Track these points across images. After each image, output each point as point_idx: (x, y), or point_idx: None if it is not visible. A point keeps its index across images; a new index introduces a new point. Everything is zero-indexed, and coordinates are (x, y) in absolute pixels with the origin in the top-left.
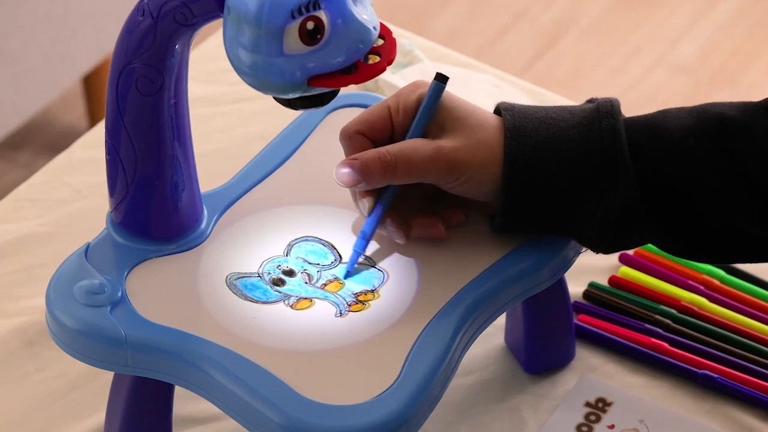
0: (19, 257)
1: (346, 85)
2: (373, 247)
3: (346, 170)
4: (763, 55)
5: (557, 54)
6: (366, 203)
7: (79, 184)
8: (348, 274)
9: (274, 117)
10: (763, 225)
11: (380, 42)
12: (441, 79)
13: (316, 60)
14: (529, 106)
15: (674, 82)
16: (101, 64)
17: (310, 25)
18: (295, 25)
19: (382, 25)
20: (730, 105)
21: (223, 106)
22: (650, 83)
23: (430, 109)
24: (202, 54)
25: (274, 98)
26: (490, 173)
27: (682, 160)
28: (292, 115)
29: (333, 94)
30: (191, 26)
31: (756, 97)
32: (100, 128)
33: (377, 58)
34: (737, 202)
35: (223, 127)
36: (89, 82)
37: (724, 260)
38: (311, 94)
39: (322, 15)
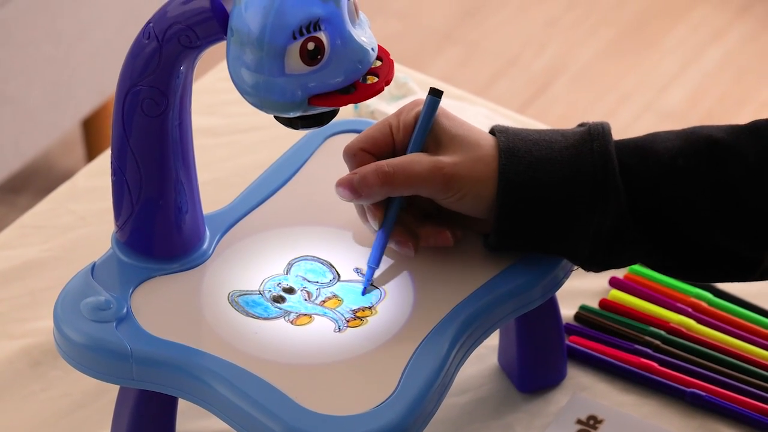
0: (25, 282)
1: (345, 104)
2: None
3: (346, 183)
4: (749, 101)
5: (548, 100)
6: (375, 218)
7: (82, 211)
8: (365, 290)
9: (272, 147)
10: (751, 245)
11: (378, 63)
12: (435, 94)
13: (316, 80)
14: (522, 129)
15: (663, 127)
16: (101, 107)
17: (310, 45)
18: (296, 45)
19: (379, 47)
20: (717, 128)
21: (223, 137)
22: (640, 128)
23: (427, 124)
24: (203, 86)
25: (275, 118)
26: (485, 190)
27: (671, 181)
28: (290, 144)
29: (332, 114)
30: (196, 48)
31: None
32: (103, 158)
33: (375, 79)
34: (725, 222)
35: (222, 157)
36: (88, 126)
37: (713, 279)
38: (311, 113)
39: (322, 36)
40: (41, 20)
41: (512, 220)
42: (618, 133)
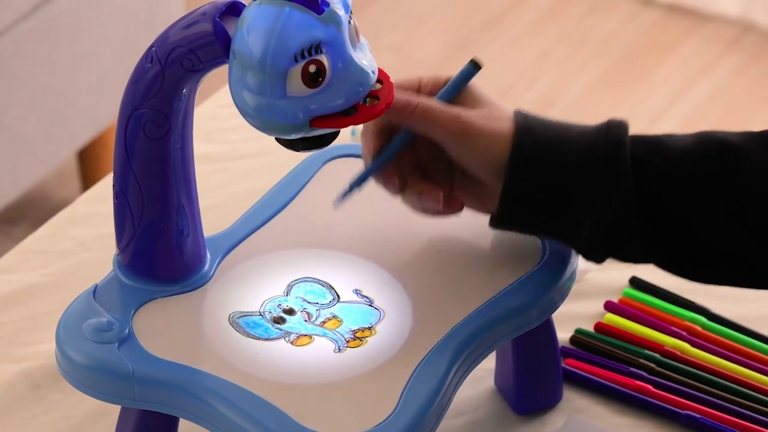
0: (26, 306)
1: (346, 125)
2: (370, 287)
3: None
4: None
5: None
6: (370, 150)
7: (83, 236)
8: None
9: (271, 173)
10: (755, 249)
11: (378, 86)
12: (475, 65)
13: (317, 102)
14: (540, 116)
15: None
16: (97, 138)
17: (312, 68)
18: (297, 68)
19: (380, 70)
20: (731, 132)
21: (222, 164)
22: None
23: (458, 85)
24: (201, 114)
25: (277, 140)
26: (496, 147)
27: (679, 176)
28: (289, 169)
29: (333, 136)
30: (198, 72)
31: None
32: (103, 184)
33: (376, 101)
34: (729, 222)
35: (221, 183)
36: (84, 156)
37: (712, 280)
38: (312, 135)
39: (324, 59)
40: (38, 52)
41: (520, 190)
42: None
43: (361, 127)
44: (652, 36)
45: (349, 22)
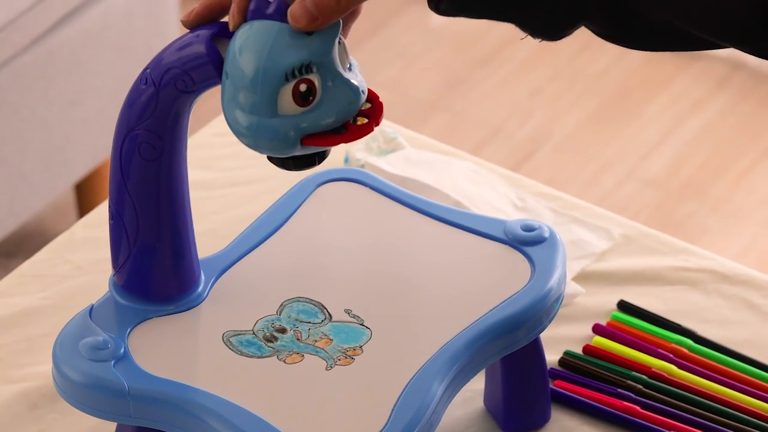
0: (23, 328)
1: (337, 143)
2: (360, 307)
3: (300, 12)
4: (729, 169)
5: (532, 167)
6: None
7: (80, 261)
8: None
9: (264, 199)
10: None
11: (368, 105)
12: None
13: (308, 120)
14: None
15: (644, 194)
16: (93, 171)
17: (302, 87)
18: (288, 87)
19: (369, 90)
20: None
21: (216, 190)
22: (622, 195)
23: None
24: (196, 142)
25: (268, 158)
26: None
27: None
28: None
29: (324, 155)
30: (192, 93)
31: (724, 209)
32: (100, 209)
33: (365, 120)
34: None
35: (216, 209)
36: (81, 190)
37: (664, 50)
38: (303, 153)
39: (314, 78)
40: (36, 85)
41: None
42: (600, 200)
43: (352, 146)
44: (642, 73)
45: (339, 42)
